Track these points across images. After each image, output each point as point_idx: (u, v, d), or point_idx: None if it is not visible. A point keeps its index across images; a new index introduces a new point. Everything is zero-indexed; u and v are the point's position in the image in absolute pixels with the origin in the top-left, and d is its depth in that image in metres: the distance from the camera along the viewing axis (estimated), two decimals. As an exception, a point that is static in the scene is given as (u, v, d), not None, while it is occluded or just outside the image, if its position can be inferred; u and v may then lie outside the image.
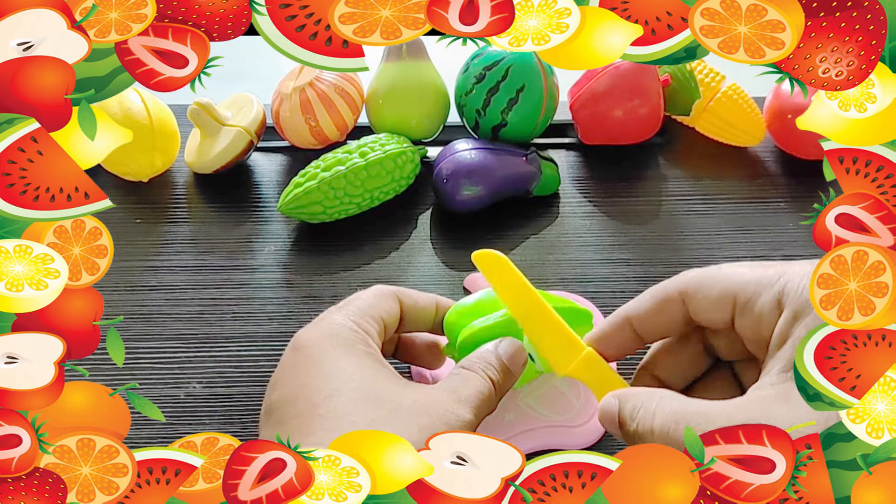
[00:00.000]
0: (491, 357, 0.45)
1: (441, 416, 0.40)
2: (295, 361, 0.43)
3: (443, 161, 0.65)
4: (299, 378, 0.41)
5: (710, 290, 0.42)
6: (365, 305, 0.46)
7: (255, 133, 0.69)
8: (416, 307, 0.48)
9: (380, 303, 0.46)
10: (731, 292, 0.41)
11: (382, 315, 0.46)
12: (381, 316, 0.46)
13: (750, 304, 0.40)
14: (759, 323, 0.40)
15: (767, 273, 0.40)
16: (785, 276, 0.39)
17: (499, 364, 0.44)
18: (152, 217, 0.67)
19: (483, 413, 0.42)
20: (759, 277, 0.40)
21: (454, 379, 0.43)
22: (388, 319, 0.46)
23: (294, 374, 0.42)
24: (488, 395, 0.43)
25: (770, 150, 0.72)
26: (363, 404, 0.40)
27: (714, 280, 0.42)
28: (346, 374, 0.41)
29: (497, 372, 0.44)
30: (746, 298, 0.40)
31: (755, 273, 0.41)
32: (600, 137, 0.71)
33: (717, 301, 0.42)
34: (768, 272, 0.40)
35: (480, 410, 0.42)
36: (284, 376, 0.42)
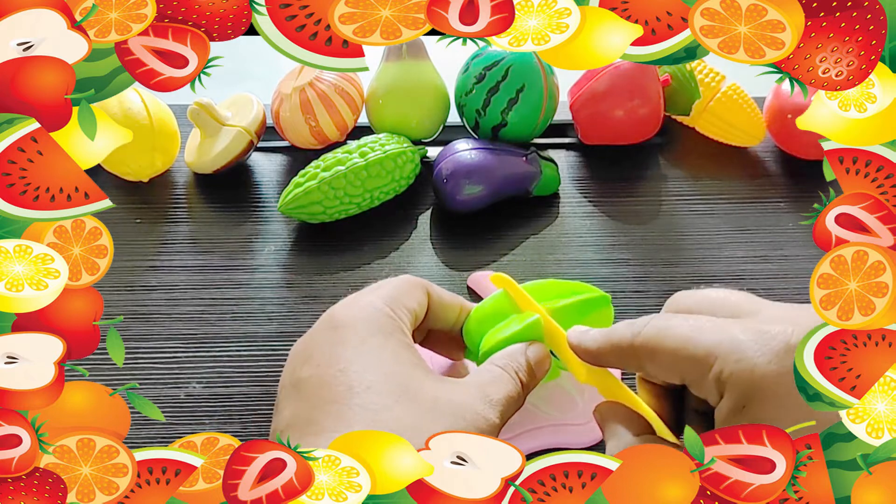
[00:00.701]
0: (521, 358, 0.44)
1: (473, 420, 0.40)
2: (332, 340, 0.42)
3: (443, 161, 0.65)
4: (337, 361, 0.40)
5: (661, 359, 0.40)
6: (398, 293, 0.45)
7: (255, 133, 0.69)
8: (443, 303, 0.48)
9: (412, 292, 0.46)
10: (678, 369, 0.40)
11: (414, 305, 0.45)
12: (413, 307, 0.45)
13: (694, 383, 0.39)
14: (705, 397, 0.39)
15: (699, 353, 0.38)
16: (719, 359, 0.38)
17: (526, 367, 0.44)
18: (152, 217, 0.67)
19: (508, 415, 0.42)
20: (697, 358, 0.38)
21: (485, 375, 0.43)
22: (418, 311, 0.46)
23: (331, 353, 0.41)
24: (516, 397, 0.43)
25: (770, 150, 0.72)
26: (402, 401, 0.39)
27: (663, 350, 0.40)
28: (385, 366, 0.40)
29: (526, 374, 0.44)
30: (689, 378, 0.39)
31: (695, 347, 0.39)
32: (600, 137, 0.71)
33: (666, 373, 0.40)
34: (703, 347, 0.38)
35: (507, 413, 0.42)
36: (319, 353, 0.41)
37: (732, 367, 0.37)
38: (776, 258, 0.64)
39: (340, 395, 0.39)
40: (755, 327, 0.38)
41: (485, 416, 0.40)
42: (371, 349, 0.41)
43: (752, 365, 0.36)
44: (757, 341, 0.37)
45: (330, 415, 0.38)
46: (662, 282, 0.62)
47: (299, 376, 0.41)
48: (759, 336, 0.37)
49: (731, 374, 0.37)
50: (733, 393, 0.37)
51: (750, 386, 0.36)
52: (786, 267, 0.63)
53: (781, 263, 0.63)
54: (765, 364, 0.36)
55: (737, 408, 0.37)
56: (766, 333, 0.37)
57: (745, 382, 0.36)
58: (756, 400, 0.36)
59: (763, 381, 0.36)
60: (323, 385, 0.40)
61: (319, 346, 0.42)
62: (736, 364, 0.37)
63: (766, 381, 0.36)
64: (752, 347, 0.37)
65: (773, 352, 0.37)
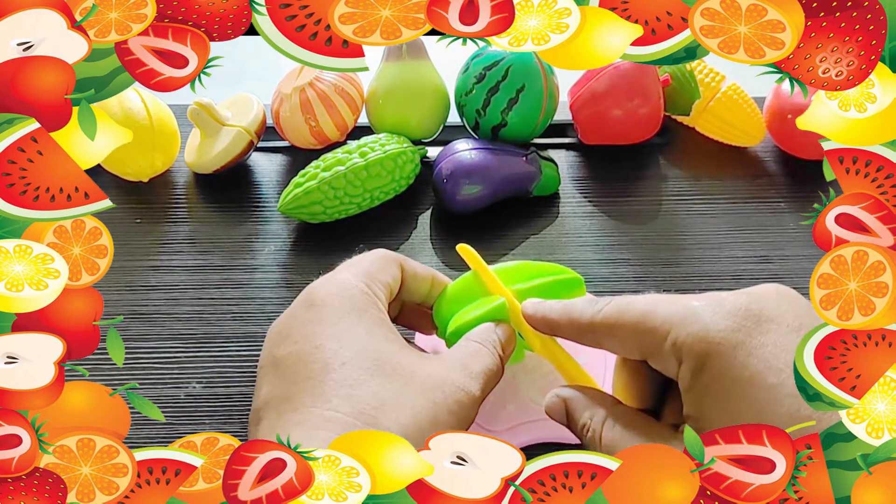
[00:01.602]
0: (494, 336, 0.45)
1: (453, 393, 0.40)
2: (308, 318, 0.42)
3: (443, 161, 0.65)
4: (314, 338, 0.41)
5: (620, 334, 0.41)
6: (373, 269, 0.46)
7: (255, 133, 0.69)
8: (416, 277, 0.49)
9: (387, 267, 0.47)
10: (636, 343, 0.40)
11: (388, 279, 0.46)
12: (388, 281, 0.46)
13: (653, 355, 0.40)
14: (667, 371, 0.40)
15: (655, 324, 0.39)
16: (674, 327, 0.38)
17: (500, 343, 0.45)
18: (152, 217, 0.67)
19: (489, 389, 0.43)
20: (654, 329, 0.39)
21: (462, 350, 0.44)
22: (393, 285, 0.47)
23: (308, 331, 0.41)
24: (496, 371, 0.44)
25: (770, 150, 0.72)
26: (378, 375, 0.40)
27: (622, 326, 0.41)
28: (361, 342, 0.41)
29: (501, 350, 0.45)
30: (648, 351, 0.40)
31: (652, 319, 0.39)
32: (600, 137, 0.71)
33: (625, 348, 0.41)
34: (659, 318, 0.39)
35: (487, 386, 0.43)
36: (297, 332, 0.42)
37: (687, 331, 0.38)
38: (776, 258, 0.64)
39: (317, 372, 0.39)
40: (709, 296, 0.39)
41: (464, 388, 0.41)
42: (347, 325, 0.42)
43: (706, 327, 0.38)
44: (710, 306, 0.38)
45: (306, 391, 0.39)
46: (662, 282, 0.62)
47: (276, 354, 0.42)
48: (711, 302, 0.39)
49: (686, 338, 0.38)
50: (690, 356, 0.38)
51: (704, 347, 0.37)
52: (786, 267, 0.63)
53: (782, 263, 0.63)
54: (717, 324, 0.37)
55: (696, 370, 0.38)
56: (719, 298, 0.39)
57: (700, 344, 0.37)
58: (712, 360, 0.37)
59: (716, 340, 0.37)
60: (299, 362, 0.40)
61: (296, 325, 0.42)
62: (690, 328, 0.38)
63: (720, 339, 0.37)
64: (706, 311, 0.38)
65: (725, 312, 0.38)
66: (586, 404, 0.43)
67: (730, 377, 0.36)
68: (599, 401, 0.42)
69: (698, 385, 0.37)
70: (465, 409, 0.41)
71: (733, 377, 0.36)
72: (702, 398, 0.37)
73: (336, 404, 0.38)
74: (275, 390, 0.40)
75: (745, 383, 0.36)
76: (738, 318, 0.37)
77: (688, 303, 0.39)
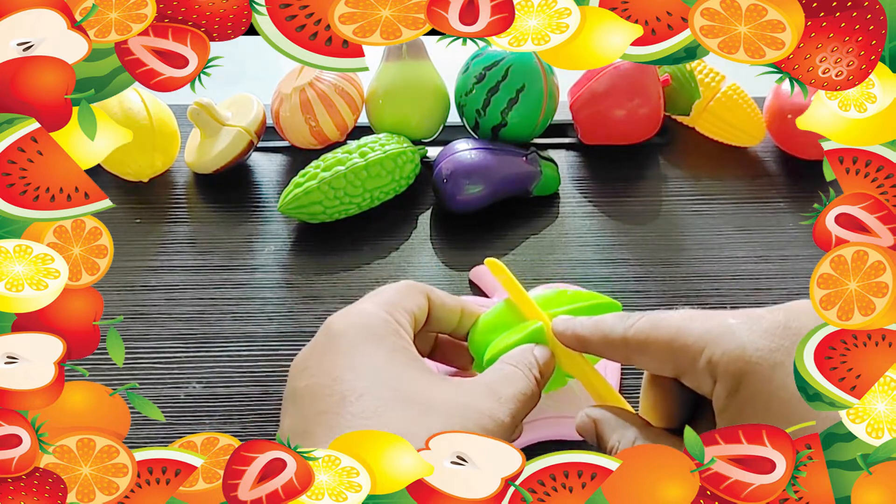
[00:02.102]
0: (531, 358, 0.44)
1: (476, 419, 0.39)
2: (326, 350, 0.41)
3: (443, 161, 0.65)
4: (331, 370, 0.40)
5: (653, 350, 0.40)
6: (396, 297, 0.44)
7: (255, 133, 0.69)
8: (444, 307, 0.47)
9: (411, 296, 0.45)
10: (670, 360, 0.39)
11: (413, 308, 0.45)
12: (412, 310, 0.45)
13: (687, 372, 0.39)
14: (700, 389, 0.39)
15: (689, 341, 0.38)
16: (709, 344, 0.38)
17: (537, 366, 0.43)
18: (152, 217, 0.67)
19: (521, 415, 0.41)
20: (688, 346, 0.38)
21: (494, 374, 0.42)
22: (418, 314, 0.45)
23: (325, 363, 0.41)
24: (531, 395, 0.42)
25: (770, 150, 0.72)
26: (397, 405, 0.38)
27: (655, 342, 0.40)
28: (377, 371, 0.40)
29: (538, 372, 0.43)
30: (682, 368, 0.39)
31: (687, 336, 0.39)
32: (600, 137, 0.71)
33: (658, 365, 0.40)
34: (694, 335, 0.38)
35: (519, 412, 0.41)
36: (315, 364, 0.41)
37: (723, 349, 0.37)
38: (776, 258, 0.64)
39: (334, 405, 0.38)
40: (745, 312, 0.38)
41: (491, 414, 0.39)
42: (364, 354, 0.41)
43: (742, 345, 0.37)
44: (746, 324, 0.37)
45: (322, 425, 0.38)
46: (662, 282, 0.62)
47: (295, 387, 0.41)
48: (748, 319, 0.38)
49: (722, 357, 0.37)
50: (726, 376, 0.37)
51: (741, 366, 0.36)
52: (786, 267, 0.63)
53: (782, 263, 0.63)
54: (754, 343, 0.37)
55: (732, 390, 0.37)
56: (755, 316, 0.38)
57: (737, 363, 0.36)
58: (748, 379, 0.36)
59: (753, 359, 0.36)
60: (317, 395, 0.39)
61: (314, 357, 0.42)
62: (726, 346, 0.37)
63: (757, 358, 0.36)
64: (742, 329, 0.37)
65: (762, 330, 0.37)
66: (615, 425, 0.41)
67: (767, 397, 0.36)
68: (629, 422, 0.41)
69: (734, 405, 0.37)
70: (491, 435, 0.38)
71: (770, 397, 0.36)
72: (737, 418, 0.36)
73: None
74: (294, 425, 0.39)
75: (783, 404, 0.35)
76: (777, 336, 0.36)
77: (724, 320, 0.38)
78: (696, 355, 0.38)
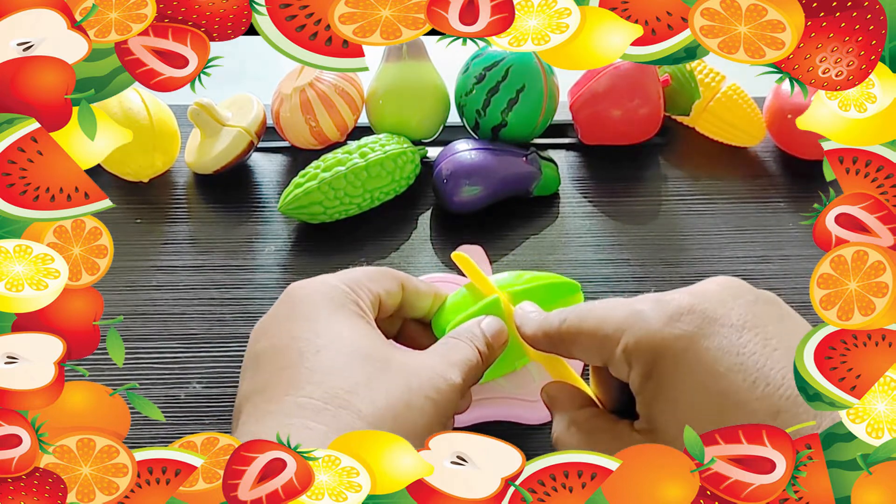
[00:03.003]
0: (476, 330, 0.46)
1: (430, 379, 0.40)
2: (285, 313, 0.43)
3: (443, 161, 0.65)
4: (290, 331, 0.41)
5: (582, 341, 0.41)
6: (361, 277, 0.46)
7: (256, 133, 0.69)
8: (418, 294, 0.49)
9: (378, 278, 0.47)
10: (596, 350, 0.41)
11: (378, 290, 0.46)
12: (377, 290, 0.46)
13: (609, 361, 0.40)
14: (621, 376, 0.40)
15: (610, 330, 0.40)
16: (626, 332, 0.39)
17: (483, 337, 0.45)
18: (153, 217, 0.67)
19: (470, 380, 0.43)
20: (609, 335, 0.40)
21: (441, 346, 0.44)
22: (384, 296, 0.47)
23: (284, 325, 0.42)
24: (476, 363, 0.44)
25: (770, 150, 0.72)
26: (352, 360, 0.40)
27: (582, 332, 0.41)
28: (335, 331, 0.41)
29: (483, 343, 0.45)
30: (606, 357, 0.40)
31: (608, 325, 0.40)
32: (600, 137, 0.71)
33: (589, 355, 0.42)
34: (613, 324, 0.40)
35: (468, 376, 0.43)
36: (274, 327, 0.43)
37: (636, 336, 0.38)
38: (776, 258, 0.64)
39: (292, 361, 0.40)
40: (654, 297, 0.40)
41: (444, 375, 0.41)
42: (323, 317, 0.42)
43: (651, 331, 0.38)
44: (654, 309, 0.39)
45: (281, 380, 0.39)
46: (663, 282, 0.62)
47: (255, 350, 0.42)
48: (656, 304, 0.39)
49: (635, 344, 0.38)
50: (639, 362, 0.38)
51: (651, 351, 0.38)
52: (786, 267, 0.63)
53: (782, 263, 0.63)
54: (661, 328, 0.38)
55: (645, 375, 0.38)
56: (662, 301, 0.39)
57: (647, 349, 0.38)
58: (659, 364, 0.37)
59: (662, 345, 0.37)
60: (276, 354, 0.41)
61: (274, 321, 0.43)
62: (638, 333, 0.38)
63: (665, 343, 0.37)
64: (651, 315, 0.38)
65: (668, 315, 0.38)
66: (560, 405, 0.44)
67: (675, 384, 0.37)
68: (570, 402, 0.43)
69: (647, 390, 0.38)
70: (444, 395, 0.40)
71: (678, 384, 0.37)
72: (651, 403, 0.38)
73: (309, 391, 0.38)
74: (253, 383, 0.40)
75: (690, 391, 0.36)
76: (683, 321, 0.38)
77: (637, 307, 0.39)
78: (614, 344, 0.39)
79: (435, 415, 0.40)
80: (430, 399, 0.40)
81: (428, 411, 0.39)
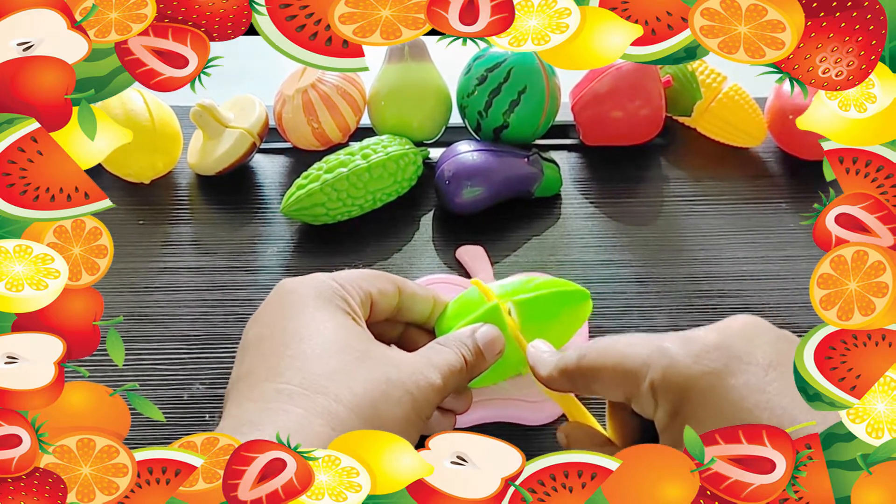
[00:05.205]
0: (466, 338, 0.46)
1: (410, 374, 0.41)
2: (275, 305, 0.44)
3: (445, 162, 0.65)
4: (277, 321, 0.43)
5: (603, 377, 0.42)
6: (354, 276, 0.47)
7: (258, 135, 0.69)
8: (415, 297, 0.49)
9: (373, 280, 0.47)
10: (618, 386, 0.41)
11: (371, 290, 0.47)
12: (369, 290, 0.47)
13: (634, 397, 0.40)
14: (645, 412, 0.40)
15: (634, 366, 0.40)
16: (651, 368, 0.39)
17: (472, 345, 0.45)
18: (155, 218, 0.68)
19: (451, 384, 0.43)
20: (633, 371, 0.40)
21: (427, 349, 0.45)
22: (377, 296, 0.47)
23: (272, 316, 0.44)
24: (459, 370, 0.44)
25: (771, 150, 0.72)
26: (333, 350, 0.41)
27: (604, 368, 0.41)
28: (319, 322, 0.42)
29: (470, 352, 0.45)
30: (629, 393, 0.40)
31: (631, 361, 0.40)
32: (602, 138, 0.71)
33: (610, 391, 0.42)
34: (637, 360, 0.40)
35: (449, 380, 0.43)
36: (263, 317, 0.44)
37: (662, 373, 0.38)
38: (777, 258, 0.64)
39: (276, 349, 0.41)
40: (679, 335, 0.40)
41: (425, 373, 0.42)
42: (310, 310, 0.43)
43: (678, 368, 0.38)
44: (680, 345, 0.39)
45: (264, 366, 0.40)
46: (664, 282, 0.62)
47: (246, 339, 0.44)
48: (681, 341, 0.39)
49: (661, 381, 0.38)
50: (665, 399, 0.38)
51: (679, 389, 0.38)
52: (787, 267, 0.63)
53: (783, 264, 0.63)
54: (688, 366, 0.38)
55: (672, 413, 0.38)
56: (687, 338, 0.39)
57: (674, 386, 0.38)
58: (686, 401, 0.38)
59: (689, 382, 0.38)
60: (261, 342, 0.42)
61: (265, 312, 0.45)
62: (665, 370, 0.38)
63: (692, 381, 0.38)
64: (677, 353, 0.39)
65: (694, 353, 0.38)
66: (579, 445, 0.44)
67: (703, 420, 0.37)
68: (588, 442, 0.44)
69: (674, 427, 0.38)
70: (422, 392, 0.41)
71: (706, 420, 0.37)
72: (678, 440, 0.38)
73: (288, 377, 0.39)
74: (239, 371, 0.42)
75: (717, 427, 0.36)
76: (709, 358, 0.38)
77: (661, 344, 0.40)
78: (639, 380, 0.39)
79: (413, 410, 0.40)
80: (409, 393, 0.40)
81: (406, 404, 0.40)
